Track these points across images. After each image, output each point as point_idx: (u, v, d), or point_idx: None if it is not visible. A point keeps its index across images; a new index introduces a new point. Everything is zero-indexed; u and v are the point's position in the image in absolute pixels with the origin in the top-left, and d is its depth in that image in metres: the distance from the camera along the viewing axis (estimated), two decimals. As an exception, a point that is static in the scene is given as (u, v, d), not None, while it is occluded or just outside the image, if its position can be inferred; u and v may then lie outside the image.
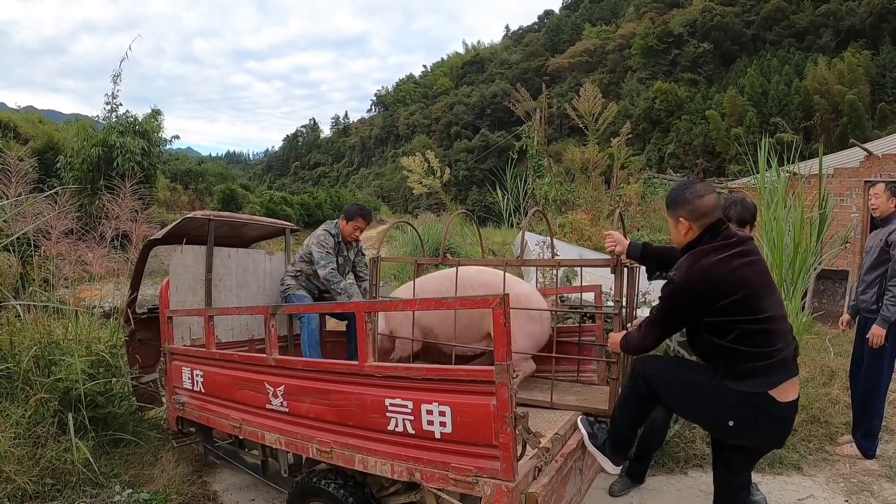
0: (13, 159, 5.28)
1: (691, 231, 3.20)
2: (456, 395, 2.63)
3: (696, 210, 3.16)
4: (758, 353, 3.01)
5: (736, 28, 70.14)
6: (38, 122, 29.35)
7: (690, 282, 3.05)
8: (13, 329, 4.92)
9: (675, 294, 3.11)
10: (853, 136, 19.36)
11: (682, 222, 3.20)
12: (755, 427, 3.11)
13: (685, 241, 3.24)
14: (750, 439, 3.24)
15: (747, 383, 3.03)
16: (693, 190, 3.19)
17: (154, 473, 4.75)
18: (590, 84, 15.67)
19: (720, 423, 3.18)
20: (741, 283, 3.02)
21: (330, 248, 5.89)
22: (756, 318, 3.02)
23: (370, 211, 6.23)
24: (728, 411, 3.10)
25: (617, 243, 3.72)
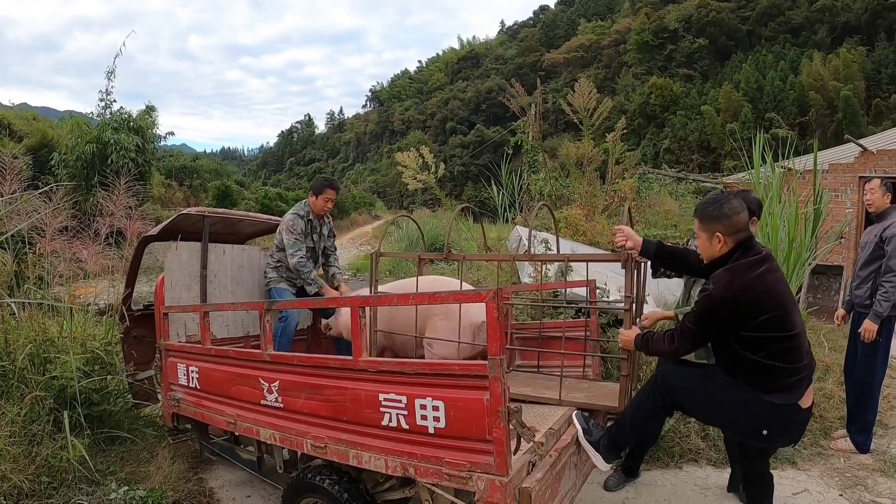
0: (7, 157, 5.27)
1: (725, 246, 3.25)
2: (449, 390, 2.64)
3: (733, 226, 3.21)
4: (790, 369, 3.14)
5: (731, 24, 70.17)
6: (33, 119, 29.19)
7: (732, 297, 3.08)
8: (8, 327, 4.91)
9: (714, 308, 3.14)
10: (848, 132, 19.36)
11: (717, 237, 3.24)
12: (784, 433, 3.31)
13: (718, 255, 3.28)
14: (777, 443, 3.48)
15: (780, 396, 3.16)
16: (730, 206, 3.23)
17: (150, 470, 4.75)
18: (585, 79, 15.62)
19: (754, 433, 3.29)
20: (778, 299, 3.14)
21: (299, 233, 5.78)
22: (788, 335, 3.15)
23: (335, 180, 6.19)
24: (761, 422, 3.21)
25: (628, 238, 3.71)
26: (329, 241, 6.23)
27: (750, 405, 3.20)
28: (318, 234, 6.04)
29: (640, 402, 3.48)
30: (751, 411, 3.21)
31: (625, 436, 3.52)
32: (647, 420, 3.50)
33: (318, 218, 5.99)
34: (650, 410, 3.44)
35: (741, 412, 3.25)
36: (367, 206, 55.26)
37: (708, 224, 3.28)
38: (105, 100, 22.41)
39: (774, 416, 3.18)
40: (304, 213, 5.88)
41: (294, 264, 5.65)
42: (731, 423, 3.48)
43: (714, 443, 5.21)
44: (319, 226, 6.05)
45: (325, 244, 6.14)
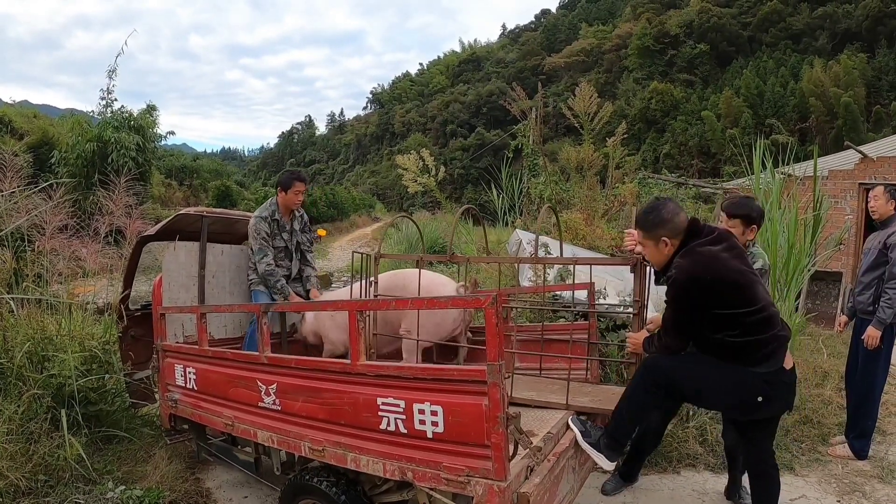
0: (7, 154, 5.27)
1: (672, 247, 3.36)
2: (448, 395, 2.63)
3: (675, 227, 3.33)
4: (765, 339, 3.24)
5: (732, 29, 70.23)
6: (33, 116, 29.27)
7: (694, 276, 3.17)
8: (6, 324, 4.90)
9: (682, 292, 3.24)
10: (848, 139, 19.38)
11: (664, 241, 3.34)
12: (777, 396, 3.37)
13: (666, 258, 3.38)
14: (774, 408, 3.47)
15: (765, 365, 3.27)
16: (668, 209, 3.35)
17: (147, 470, 4.74)
18: (586, 83, 15.67)
19: (750, 404, 3.35)
20: (738, 273, 3.23)
21: (264, 237, 5.56)
22: (755, 309, 3.22)
23: (302, 172, 6.07)
24: (754, 391, 3.30)
25: (638, 243, 3.70)
26: (304, 235, 6.06)
27: (740, 379, 3.30)
28: (289, 231, 5.85)
29: (633, 390, 3.49)
30: (742, 384, 3.30)
31: (623, 429, 3.53)
32: (641, 409, 3.51)
33: (285, 215, 5.81)
34: (643, 398, 3.45)
35: (733, 387, 3.33)
36: (367, 208, 55.34)
37: (652, 231, 3.37)
38: (106, 98, 22.51)
39: (765, 382, 3.28)
40: (269, 214, 5.66)
41: (262, 272, 5.55)
42: (725, 401, 3.55)
43: (712, 448, 5.20)
44: (290, 222, 5.86)
45: (298, 239, 5.95)
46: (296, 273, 5.91)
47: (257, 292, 5.66)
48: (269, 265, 5.52)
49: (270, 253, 5.57)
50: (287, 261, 5.82)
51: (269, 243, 5.60)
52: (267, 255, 5.53)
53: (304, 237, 6.02)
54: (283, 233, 5.77)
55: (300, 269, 5.98)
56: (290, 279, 5.82)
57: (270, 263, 5.54)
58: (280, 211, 5.74)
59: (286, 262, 5.80)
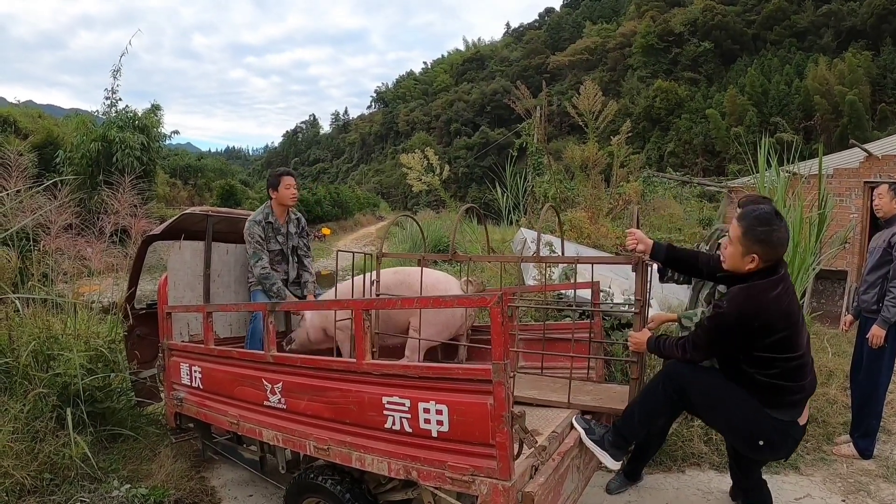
0: (12, 154, 5.28)
1: (755, 265, 3.17)
2: (453, 394, 2.63)
3: (774, 253, 3.16)
4: (794, 387, 3.18)
5: (737, 27, 70.16)
6: (38, 116, 29.28)
7: (746, 318, 3.06)
8: (12, 324, 4.91)
9: (726, 326, 3.13)
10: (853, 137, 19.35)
11: (753, 258, 3.16)
12: (779, 447, 3.32)
13: (743, 271, 3.23)
14: (770, 456, 3.50)
15: (782, 412, 3.20)
16: (780, 235, 3.14)
17: (152, 469, 4.75)
18: (590, 82, 15.65)
19: (751, 442, 3.30)
20: (790, 321, 3.11)
21: (258, 240, 5.47)
22: (795, 356, 3.14)
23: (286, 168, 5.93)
24: (760, 433, 3.23)
25: (639, 241, 3.64)
26: (300, 240, 5.95)
27: (754, 415, 3.21)
28: (284, 234, 5.74)
29: (649, 393, 3.47)
30: (753, 421, 3.22)
31: (632, 429, 3.50)
32: (654, 413, 3.49)
33: (280, 217, 5.70)
34: (658, 403, 3.43)
35: (744, 420, 3.26)
36: (372, 207, 55.39)
37: (751, 243, 3.16)
38: (110, 98, 22.54)
39: (775, 430, 3.21)
40: (262, 218, 5.55)
41: (258, 276, 5.47)
42: (732, 429, 3.45)
43: (717, 447, 5.19)
44: (285, 224, 5.75)
45: (293, 243, 5.83)
46: (294, 277, 5.82)
47: (256, 292, 5.61)
48: (264, 268, 5.44)
49: (265, 256, 5.49)
50: (284, 264, 5.73)
51: (264, 247, 5.51)
52: (262, 258, 5.46)
53: (300, 241, 5.92)
54: (279, 236, 5.67)
55: (298, 274, 5.89)
56: (287, 283, 5.75)
57: (266, 267, 5.46)
58: (274, 213, 5.65)
59: (283, 266, 5.72)
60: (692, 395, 3.36)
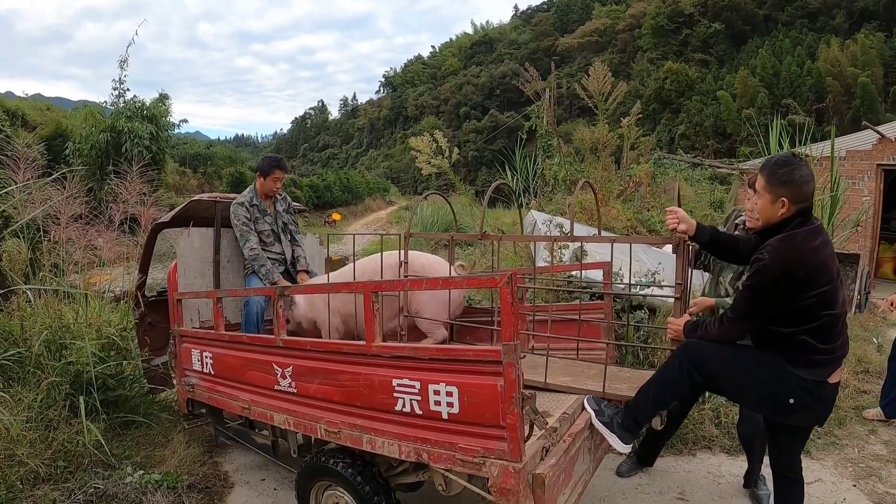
0: (21, 146, 5.30)
1: (787, 212, 3.07)
2: (463, 376, 2.63)
3: (801, 194, 3.05)
4: (825, 348, 3.05)
5: (748, 8, 69.59)
6: (46, 109, 29.43)
7: (788, 268, 2.93)
8: (24, 314, 4.94)
9: (770, 280, 2.97)
10: (865, 119, 19.10)
11: (783, 202, 3.05)
12: (811, 406, 3.15)
13: (776, 219, 3.11)
14: (803, 418, 3.26)
15: (810, 372, 3.07)
16: (802, 173, 3.06)
17: (165, 455, 4.78)
18: (600, 63, 15.55)
19: (781, 402, 3.15)
20: (831, 275, 3.01)
21: (245, 222, 5.44)
22: (830, 313, 3.02)
23: (283, 159, 5.83)
24: (788, 391, 3.10)
25: (682, 220, 3.51)
26: (289, 216, 5.90)
27: (780, 373, 3.11)
28: (271, 214, 5.69)
29: (667, 373, 3.38)
30: (779, 379, 3.11)
31: (644, 411, 3.41)
32: (670, 393, 3.38)
33: (265, 200, 5.67)
34: (675, 382, 3.33)
35: (770, 380, 3.14)
36: (381, 192, 55.40)
37: (776, 187, 3.07)
38: (118, 88, 22.62)
39: (802, 388, 3.07)
40: (247, 200, 5.54)
41: (248, 257, 5.44)
42: (759, 395, 3.27)
43: (728, 430, 5.18)
44: (272, 205, 5.72)
45: (283, 220, 5.79)
46: (290, 256, 5.78)
47: (251, 277, 5.56)
48: (252, 249, 5.40)
49: (253, 237, 5.45)
50: (277, 244, 5.69)
51: (251, 228, 5.48)
52: (249, 239, 5.42)
53: (289, 218, 5.87)
54: (266, 216, 5.62)
55: (293, 251, 5.85)
56: (286, 262, 5.73)
57: (254, 248, 5.42)
58: (258, 197, 5.62)
59: (276, 247, 5.67)
60: (712, 368, 3.24)
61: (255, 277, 5.46)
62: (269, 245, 5.61)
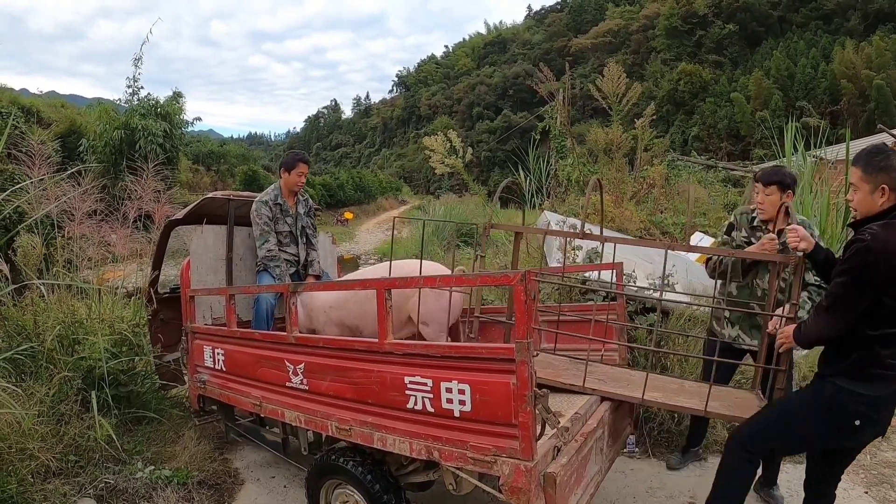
0: (35, 142, 5.32)
1: (888, 201, 2.88)
2: (476, 374, 2.62)
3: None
4: (889, 362, 2.88)
5: (762, 9, 69.23)
6: (61, 106, 29.54)
7: (890, 253, 2.73)
8: (37, 309, 4.96)
9: (870, 265, 2.76)
10: (880, 122, 18.92)
11: (882, 189, 2.87)
12: (876, 420, 3.00)
13: (876, 210, 2.92)
14: (873, 433, 3.09)
15: (871, 387, 2.91)
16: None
17: (176, 451, 4.80)
18: (614, 64, 15.46)
19: (845, 429, 3.01)
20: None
21: (267, 222, 5.42)
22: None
23: (305, 153, 5.89)
24: (852, 415, 2.95)
25: (802, 239, 3.28)
26: (308, 219, 5.87)
27: (831, 406, 2.97)
28: (293, 215, 5.66)
29: (724, 471, 3.32)
30: (838, 410, 2.96)
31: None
32: (737, 488, 3.31)
33: (289, 198, 5.64)
34: (737, 473, 3.27)
35: (824, 417, 3.01)
36: (394, 191, 55.46)
37: (874, 174, 2.90)
38: (132, 86, 22.72)
39: (865, 403, 2.91)
40: (272, 199, 5.51)
41: (262, 257, 5.42)
42: (817, 434, 3.12)
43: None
44: (294, 206, 5.69)
45: (302, 223, 5.77)
46: (304, 259, 5.76)
47: (262, 274, 5.50)
48: (269, 251, 5.38)
49: (272, 238, 5.44)
50: (293, 246, 5.67)
51: (272, 228, 5.47)
52: (268, 240, 5.42)
53: (308, 221, 5.86)
54: (287, 217, 5.61)
55: (307, 254, 5.83)
56: (298, 264, 5.71)
57: (272, 249, 5.40)
58: (283, 194, 5.60)
59: (292, 248, 5.65)
60: (763, 439, 3.15)
61: (266, 274, 5.44)
62: (284, 246, 5.59)
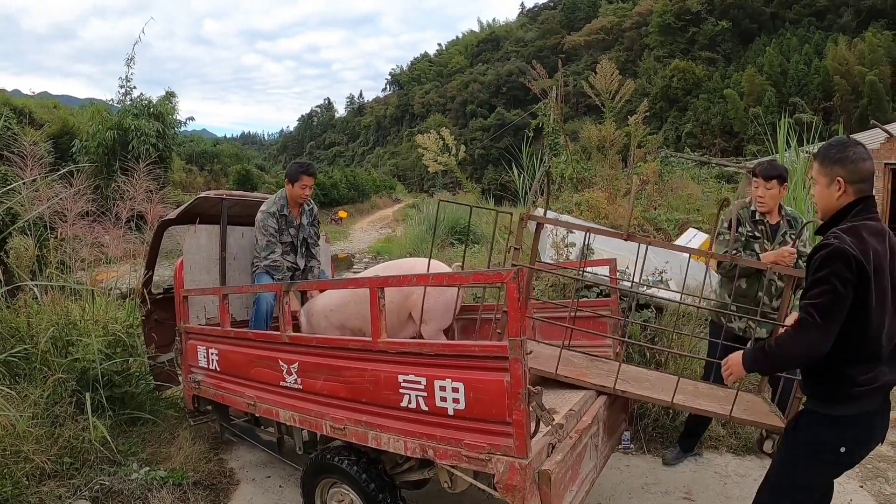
0: (28, 143, 5.31)
1: (845, 195, 2.74)
2: (469, 372, 2.63)
3: (857, 172, 2.72)
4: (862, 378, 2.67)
5: (755, 6, 69.25)
6: (53, 107, 29.53)
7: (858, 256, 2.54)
8: (31, 311, 4.96)
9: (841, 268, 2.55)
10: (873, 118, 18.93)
11: (838, 182, 2.73)
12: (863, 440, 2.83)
13: (836, 205, 2.78)
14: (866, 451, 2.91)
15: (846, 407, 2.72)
16: (856, 150, 2.75)
17: (171, 451, 4.80)
18: (606, 61, 15.46)
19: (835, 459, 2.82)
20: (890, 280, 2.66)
21: (272, 232, 5.37)
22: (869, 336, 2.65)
23: (311, 165, 5.72)
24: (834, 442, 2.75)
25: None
26: (311, 229, 5.83)
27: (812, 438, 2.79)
28: (296, 226, 5.62)
29: None
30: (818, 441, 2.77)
31: None
32: None
33: (294, 209, 5.60)
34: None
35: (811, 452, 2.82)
36: (388, 190, 55.41)
37: (829, 167, 2.78)
38: (125, 86, 22.68)
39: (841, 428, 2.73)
40: (277, 209, 5.46)
41: (265, 265, 5.35)
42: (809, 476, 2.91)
43: (734, 430, 5.18)
44: (298, 216, 5.64)
45: (304, 234, 5.74)
46: (303, 267, 5.74)
47: (261, 275, 5.46)
48: (274, 261, 5.35)
49: (278, 249, 5.40)
50: (292, 255, 5.65)
51: (277, 239, 5.44)
52: (274, 251, 5.37)
53: (311, 230, 5.83)
54: (291, 228, 5.57)
55: (306, 263, 5.80)
56: (294, 272, 5.68)
57: (277, 260, 5.37)
58: (289, 205, 5.54)
59: (291, 257, 5.62)
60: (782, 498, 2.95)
61: (266, 275, 5.42)
62: (284, 255, 5.56)
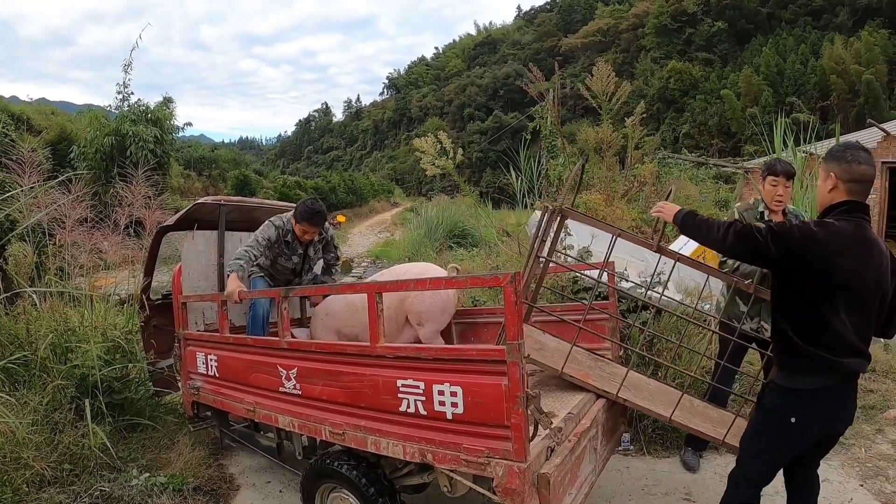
0: (26, 150, 5.32)
1: (836, 191, 2.86)
2: (467, 376, 2.63)
3: (849, 172, 2.82)
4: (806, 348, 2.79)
5: (751, 6, 69.47)
6: (51, 113, 29.46)
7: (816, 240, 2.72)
8: (30, 317, 4.96)
9: (783, 235, 2.78)
10: (870, 117, 18.98)
11: (830, 177, 2.86)
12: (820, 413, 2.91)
13: (827, 199, 2.91)
14: (816, 426, 2.97)
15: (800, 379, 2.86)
16: (856, 153, 2.84)
17: (171, 457, 4.80)
18: (603, 63, 15.48)
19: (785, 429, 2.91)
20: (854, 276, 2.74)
21: (264, 242, 5.00)
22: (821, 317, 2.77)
23: (319, 212, 5.12)
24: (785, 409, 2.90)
25: None
26: (327, 254, 5.64)
27: (770, 401, 2.97)
28: (300, 255, 5.34)
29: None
30: (770, 406, 2.97)
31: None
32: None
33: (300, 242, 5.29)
34: None
35: (764, 416, 3.03)
36: (386, 194, 55.41)
37: (827, 162, 2.91)
38: (122, 92, 22.63)
39: (793, 398, 2.86)
40: (281, 233, 5.15)
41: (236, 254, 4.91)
42: (766, 442, 3.04)
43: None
44: (303, 246, 5.33)
45: (311, 264, 5.53)
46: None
47: (256, 280, 5.34)
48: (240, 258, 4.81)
49: (257, 254, 4.98)
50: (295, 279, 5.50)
51: (262, 252, 5.05)
52: (253, 254, 4.92)
53: (329, 256, 5.64)
54: (294, 255, 5.32)
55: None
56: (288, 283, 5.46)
57: (246, 260, 4.84)
58: (294, 233, 5.22)
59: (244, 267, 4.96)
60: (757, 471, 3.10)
61: (260, 280, 5.37)
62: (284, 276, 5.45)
